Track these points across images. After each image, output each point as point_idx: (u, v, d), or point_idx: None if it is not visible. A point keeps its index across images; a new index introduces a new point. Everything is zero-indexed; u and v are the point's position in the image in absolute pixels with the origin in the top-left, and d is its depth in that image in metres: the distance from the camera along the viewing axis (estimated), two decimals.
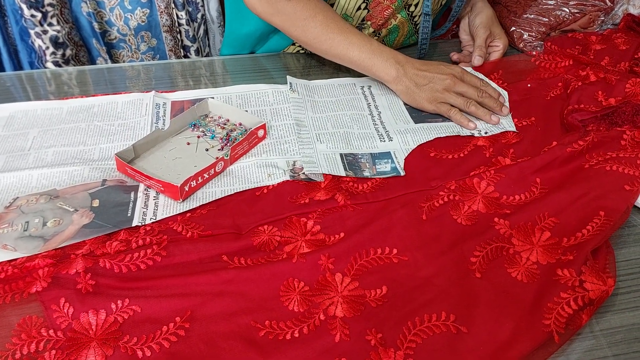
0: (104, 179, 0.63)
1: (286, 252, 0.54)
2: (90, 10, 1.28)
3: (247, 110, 0.76)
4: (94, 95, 0.78)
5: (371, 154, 0.69)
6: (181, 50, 1.42)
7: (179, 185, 0.59)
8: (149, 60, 1.40)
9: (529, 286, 0.51)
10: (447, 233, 0.57)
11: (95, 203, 0.59)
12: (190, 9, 1.37)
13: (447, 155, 0.68)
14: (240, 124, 0.72)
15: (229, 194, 0.62)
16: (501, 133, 0.72)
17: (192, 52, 1.42)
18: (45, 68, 1.27)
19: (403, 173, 0.65)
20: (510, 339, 0.46)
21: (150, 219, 0.58)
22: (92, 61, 1.37)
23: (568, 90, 0.79)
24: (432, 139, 0.71)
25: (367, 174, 0.65)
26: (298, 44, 0.81)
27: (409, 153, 0.69)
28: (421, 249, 0.55)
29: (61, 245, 0.54)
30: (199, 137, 0.70)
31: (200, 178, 0.62)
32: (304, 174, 0.64)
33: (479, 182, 0.62)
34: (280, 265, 0.52)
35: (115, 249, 0.54)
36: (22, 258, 0.53)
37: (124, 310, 0.48)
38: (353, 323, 0.48)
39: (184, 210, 0.59)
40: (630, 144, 0.66)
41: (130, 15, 1.32)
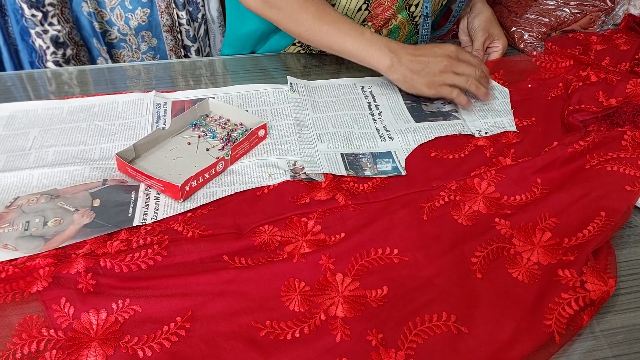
0: (104, 179, 0.63)
1: (287, 252, 0.54)
2: (90, 9, 1.28)
3: (248, 110, 0.76)
4: (94, 95, 0.78)
5: (372, 153, 0.69)
6: (182, 50, 1.42)
7: (180, 185, 0.59)
8: (150, 60, 1.40)
9: (530, 287, 0.51)
10: (448, 233, 0.57)
11: (96, 203, 0.59)
12: (190, 9, 1.37)
13: (448, 156, 0.68)
14: (241, 124, 0.72)
15: (230, 193, 0.62)
16: (502, 133, 0.72)
17: (193, 52, 1.42)
18: (46, 68, 1.27)
19: (404, 172, 0.65)
20: (511, 340, 0.46)
21: (151, 218, 0.58)
22: (93, 61, 1.37)
23: (569, 91, 0.79)
24: (433, 138, 0.71)
25: (369, 173, 0.65)
26: (294, 38, 0.81)
27: (409, 153, 0.69)
28: (422, 249, 0.55)
29: (62, 245, 0.54)
30: (199, 137, 0.70)
31: (201, 178, 0.62)
32: (305, 174, 0.64)
33: (479, 183, 0.62)
34: (281, 265, 0.52)
35: (116, 249, 0.53)
36: (23, 258, 0.53)
37: (125, 310, 0.48)
38: (354, 323, 0.48)
39: (185, 210, 0.59)
40: (631, 145, 0.66)
41: (131, 15, 1.32)
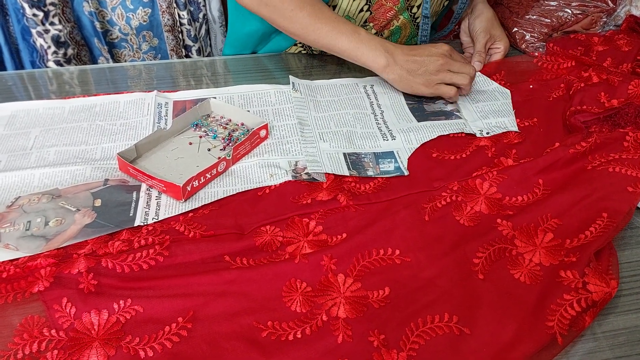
0: (106, 179, 0.63)
1: (288, 253, 0.54)
2: (92, 9, 1.28)
3: (249, 111, 0.76)
4: (96, 95, 0.78)
5: (374, 153, 0.69)
6: (183, 50, 1.42)
7: (182, 185, 0.58)
8: (151, 59, 1.40)
9: (532, 288, 0.50)
10: (450, 234, 0.57)
11: (98, 203, 0.59)
12: (191, 9, 1.37)
13: (450, 156, 0.68)
14: (243, 124, 0.72)
15: (231, 194, 0.62)
16: (503, 133, 0.72)
17: (194, 52, 1.42)
18: (47, 67, 1.27)
19: (407, 173, 0.65)
20: (513, 341, 0.46)
21: (153, 218, 0.58)
22: (94, 60, 1.37)
23: (570, 92, 0.79)
24: (435, 137, 0.71)
25: (371, 173, 0.65)
26: (289, 36, 0.81)
27: (412, 152, 0.69)
28: (424, 250, 0.55)
29: (63, 245, 0.54)
30: (201, 137, 0.70)
31: (202, 178, 0.62)
32: (306, 174, 0.64)
33: (481, 183, 0.62)
34: (282, 266, 0.52)
35: (117, 249, 0.53)
36: (24, 257, 0.53)
37: (126, 310, 0.48)
38: (356, 324, 0.48)
39: (186, 210, 0.59)
40: (633, 146, 0.66)
41: (132, 15, 1.32)
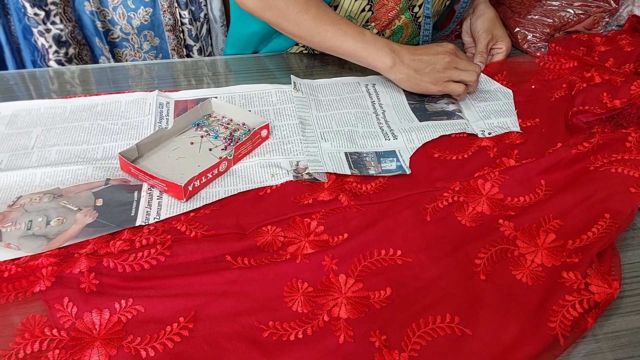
0: (107, 178, 0.63)
1: (290, 253, 0.54)
2: (93, 9, 1.28)
3: (251, 110, 0.76)
4: (97, 94, 0.78)
5: (376, 152, 0.68)
6: (184, 50, 1.42)
7: (183, 184, 0.58)
8: (152, 59, 1.40)
9: (534, 289, 0.50)
10: (452, 234, 0.56)
11: (99, 202, 0.59)
12: (193, 8, 1.37)
13: (451, 156, 0.68)
14: (244, 124, 0.72)
15: (233, 193, 0.62)
16: (505, 134, 0.72)
17: (195, 52, 1.42)
18: (48, 67, 1.27)
19: (409, 171, 0.65)
20: (515, 342, 0.46)
21: (154, 218, 0.58)
22: (95, 60, 1.37)
23: (573, 92, 0.79)
24: (437, 137, 0.71)
25: (373, 172, 0.65)
26: (291, 38, 0.80)
27: (414, 151, 0.69)
28: (425, 250, 0.55)
29: (65, 245, 0.54)
30: (202, 137, 0.70)
31: (204, 178, 0.62)
32: (308, 174, 0.64)
33: (483, 184, 0.62)
34: (284, 266, 0.52)
35: (119, 249, 0.53)
36: (26, 257, 0.53)
37: (128, 310, 0.48)
38: (357, 324, 0.48)
39: (188, 210, 0.59)
40: (635, 146, 0.65)
41: (133, 14, 1.32)
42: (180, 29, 1.38)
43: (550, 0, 0.95)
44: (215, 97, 0.76)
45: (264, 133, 0.69)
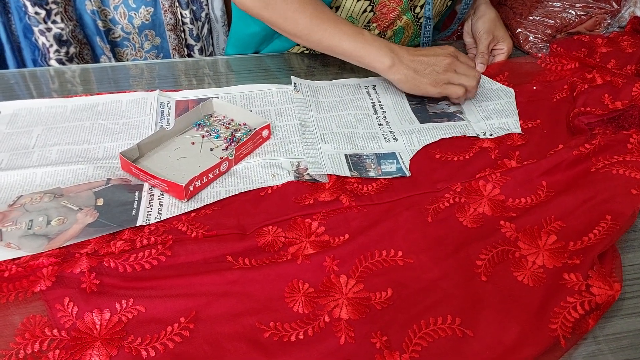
0: (108, 178, 0.63)
1: (291, 253, 0.54)
2: (94, 8, 1.28)
3: (252, 110, 0.76)
4: (98, 94, 0.78)
5: (376, 154, 0.68)
6: (185, 49, 1.42)
7: (184, 184, 0.58)
8: (153, 59, 1.40)
9: (535, 290, 0.50)
10: (453, 236, 0.56)
11: (100, 202, 0.59)
12: (194, 8, 1.37)
13: (453, 157, 0.68)
14: (245, 124, 0.72)
15: (234, 194, 0.62)
16: (507, 135, 0.72)
17: (196, 51, 1.42)
18: (49, 66, 1.27)
19: (408, 174, 0.65)
20: (516, 343, 0.46)
21: (155, 218, 0.58)
22: (96, 59, 1.37)
23: (574, 93, 0.79)
24: (437, 139, 0.71)
25: (373, 174, 0.65)
26: (289, 38, 0.80)
27: (414, 154, 0.68)
28: (426, 251, 0.54)
29: (65, 244, 0.54)
30: (203, 137, 0.70)
31: (205, 178, 0.62)
32: (308, 174, 0.64)
33: (484, 185, 0.62)
34: (284, 267, 0.52)
35: (119, 249, 0.53)
36: (26, 257, 0.53)
37: (129, 310, 0.48)
38: (358, 325, 0.48)
39: (189, 210, 0.59)
40: (636, 148, 0.65)
41: (135, 14, 1.32)
42: (182, 28, 1.38)
43: (552, 1, 0.95)
44: (217, 97, 0.75)
45: (265, 133, 0.69)
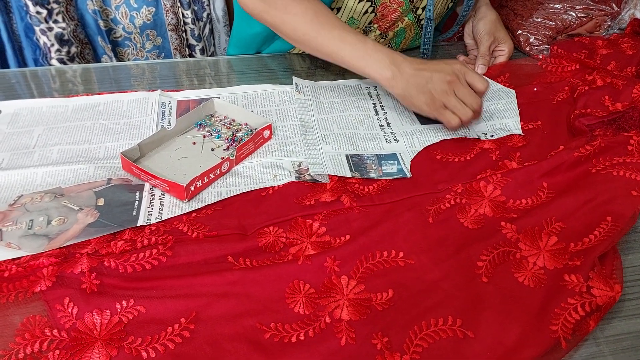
0: (109, 178, 0.63)
1: (292, 254, 0.54)
2: (95, 7, 1.28)
3: (253, 111, 0.76)
4: (99, 94, 0.78)
5: (377, 155, 0.68)
6: (186, 49, 1.42)
7: (185, 185, 0.58)
8: (154, 58, 1.40)
9: (536, 291, 0.50)
10: (454, 237, 0.56)
11: (100, 202, 0.59)
12: (195, 8, 1.37)
13: (454, 158, 0.68)
14: (246, 124, 0.72)
15: (235, 194, 0.62)
16: (507, 136, 0.72)
17: (197, 51, 1.42)
18: (50, 65, 1.27)
19: (409, 175, 0.65)
20: (517, 344, 0.46)
21: (156, 218, 0.58)
22: (97, 59, 1.37)
23: (575, 95, 0.79)
24: (438, 140, 0.71)
25: (373, 175, 0.65)
26: (290, 43, 0.79)
27: (415, 155, 0.68)
28: (427, 252, 0.54)
29: (65, 244, 0.54)
30: (204, 137, 0.70)
31: (206, 178, 0.61)
32: (310, 175, 0.64)
33: (485, 186, 0.62)
34: (285, 267, 0.52)
35: (120, 249, 0.53)
36: (26, 256, 0.53)
37: (129, 311, 0.48)
38: (359, 326, 0.48)
39: (190, 210, 0.59)
40: (637, 150, 0.65)
41: (136, 14, 1.32)
42: (183, 28, 1.38)
43: (553, 3, 0.95)
44: (218, 97, 0.75)
45: (266, 133, 0.69)
